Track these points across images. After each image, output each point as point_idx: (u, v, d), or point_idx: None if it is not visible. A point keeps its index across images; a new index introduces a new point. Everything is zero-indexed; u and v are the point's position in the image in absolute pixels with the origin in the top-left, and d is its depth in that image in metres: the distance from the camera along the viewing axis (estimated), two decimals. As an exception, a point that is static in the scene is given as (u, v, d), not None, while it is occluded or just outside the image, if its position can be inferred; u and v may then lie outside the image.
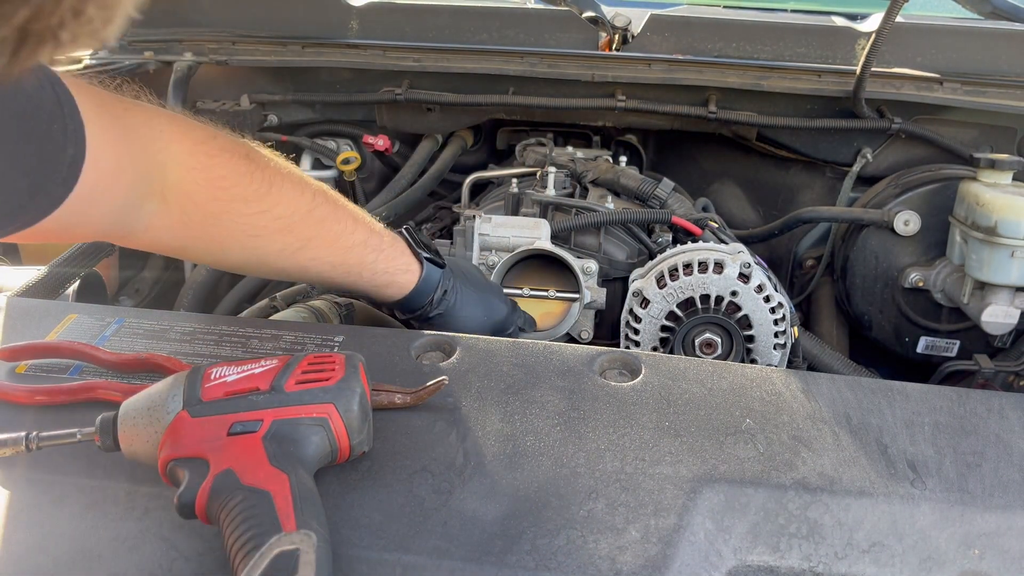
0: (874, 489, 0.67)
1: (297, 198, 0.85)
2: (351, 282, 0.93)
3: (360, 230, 0.91)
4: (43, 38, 0.30)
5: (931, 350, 1.44)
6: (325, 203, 0.88)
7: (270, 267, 0.90)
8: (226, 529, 0.57)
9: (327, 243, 0.88)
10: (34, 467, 0.68)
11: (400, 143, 1.73)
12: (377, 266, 0.92)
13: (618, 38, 1.62)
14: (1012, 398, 0.79)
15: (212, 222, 0.81)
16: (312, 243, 0.87)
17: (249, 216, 0.82)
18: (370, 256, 0.92)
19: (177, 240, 0.83)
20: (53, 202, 0.66)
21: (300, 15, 1.64)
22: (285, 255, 0.86)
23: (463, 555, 0.60)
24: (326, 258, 0.89)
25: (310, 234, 0.86)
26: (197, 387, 0.64)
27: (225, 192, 0.80)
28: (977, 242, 1.20)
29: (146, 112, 0.78)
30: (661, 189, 1.31)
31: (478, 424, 0.73)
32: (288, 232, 0.85)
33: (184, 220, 0.80)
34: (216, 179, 0.80)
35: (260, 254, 0.86)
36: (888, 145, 1.52)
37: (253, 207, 0.82)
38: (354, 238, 0.90)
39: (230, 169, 0.81)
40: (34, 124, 0.63)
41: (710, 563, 0.62)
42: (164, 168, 0.77)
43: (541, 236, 1.14)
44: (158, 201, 0.77)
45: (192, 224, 0.81)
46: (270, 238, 0.84)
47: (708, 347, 1.07)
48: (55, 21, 0.30)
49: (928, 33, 1.51)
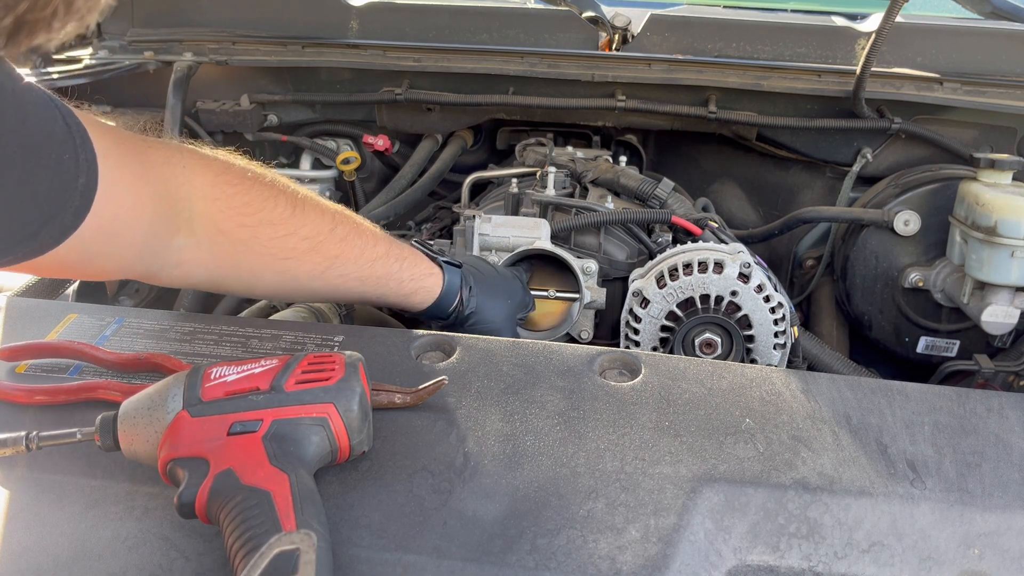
0: (874, 489, 0.67)
1: (319, 219, 0.87)
2: (380, 295, 0.94)
3: (381, 243, 0.93)
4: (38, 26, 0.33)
5: (931, 350, 1.44)
6: (345, 221, 0.90)
7: (303, 289, 0.91)
8: (226, 529, 0.57)
9: (353, 259, 0.90)
10: (34, 467, 0.68)
11: (400, 143, 1.73)
12: (403, 275, 0.94)
13: (618, 38, 1.62)
14: (1012, 398, 0.79)
15: (242, 249, 0.83)
16: (339, 260, 0.89)
17: (277, 239, 0.84)
18: (394, 266, 0.93)
19: (210, 272, 0.84)
20: (65, 230, 0.67)
21: (300, 15, 1.64)
22: (315, 275, 0.88)
23: (463, 555, 0.60)
24: (354, 273, 0.90)
25: (336, 252, 0.88)
26: (197, 387, 0.64)
27: (251, 218, 0.82)
28: (977, 242, 1.19)
29: (166, 148, 0.79)
30: (661, 189, 1.31)
31: (478, 424, 0.73)
32: (315, 252, 0.86)
33: (214, 251, 0.81)
34: (240, 206, 0.81)
35: (291, 276, 0.87)
36: (888, 145, 1.52)
37: (280, 230, 0.84)
38: (376, 251, 0.92)
39: (253, 195, 0.82)
40: (44, 153, 0.64)
41: (710, 563, 0.62)
42: (189, 201, 0.78)
43: (541, 236, 1.14)
44: (186, 235, 0.79)
45: (223, 254, 0.82)
46: (299, 260, 0.86)
47: (708, 347, 1.07)
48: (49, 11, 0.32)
49: (928, 33, 1.51)
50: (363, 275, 0.91)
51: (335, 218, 0.89)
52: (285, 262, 0.85)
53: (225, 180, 0.81)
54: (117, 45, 1.66)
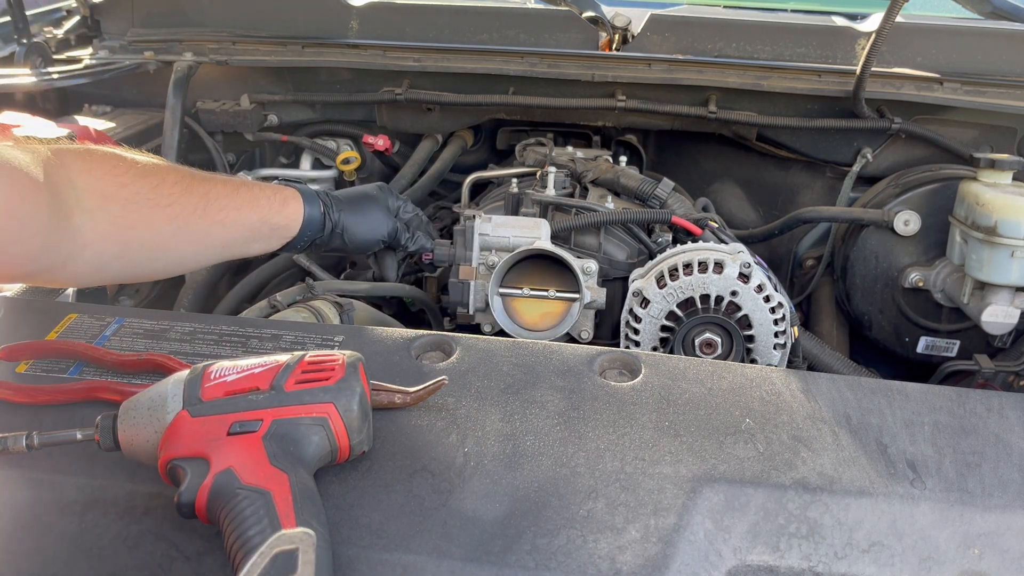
0: (874, 489, 0.67)
1: (175, 167, 0.94)
2: (259, 217, 0.99)
3: (231, 178, 1.00)
4: None
5: (931, 350, 1.44)
6: (189, 168, 0.96)
7: (196, 233, 0.94)
8: (226, 528, 0.57)
9: (222, 192, 0.95)
10: (34, 467, 0.68)
11: (400, 143, 1.73)
12: (266, 191, 1.00)
13: (618, 38, 1.62)
14: (1012, 398, 0.79)
15: (132, 208, 0.86)
16: (211, 196, 0.94)
17: (154, 189, 0.88)
18: (255, 188, 1.00)
19: (116, 244, 0.87)
20: None
21: (300, 15, 1.64)
22: (199, 213, 0.92)
23: (463, 555, 0.60)
24: (230, 203, 0.95)
25: (204, 189, 0.93)
26: (197, 387, 0.64)
27: (125, 175, 0.87)
28: (977, 242, 1.19)
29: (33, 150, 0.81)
30: (661, 189, 1.31)
31: (478, 424, 0.73)
32: (189, 192, 0.91)
33: (111, 218, 0.85)
34: (111, 168, 0.86)
35: (183, 222, 0.91)
36: (888, 145, 1.52)
37: (152, 180, 0.88)
38: (234, 181, 0.99)
39: (115, 159, 0.88)
40: None
41: (710, 563, 0.62)
42: (71, 182, 0.81)
43: (541, 236, 1.14)
44: (79, 213, 0.81)
45: (118, 219, 0.86)
46: (180, 203, 0.90)
47: (708, 347, 1.07)
48: None
49: (928, 33, 1.51)
50: (237, 204, 0.96)
51: (178, 166, 0.95)
52: (170, 208, 0.89)
53: (89, 154, 0.86)
54: (117, 45, 1.66)
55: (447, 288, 1.16)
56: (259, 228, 1.00)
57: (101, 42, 1.68)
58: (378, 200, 1.13)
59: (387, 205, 1.14)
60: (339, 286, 1.19)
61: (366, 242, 1.11)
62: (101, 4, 1.71)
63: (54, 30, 1.73)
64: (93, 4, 1.71)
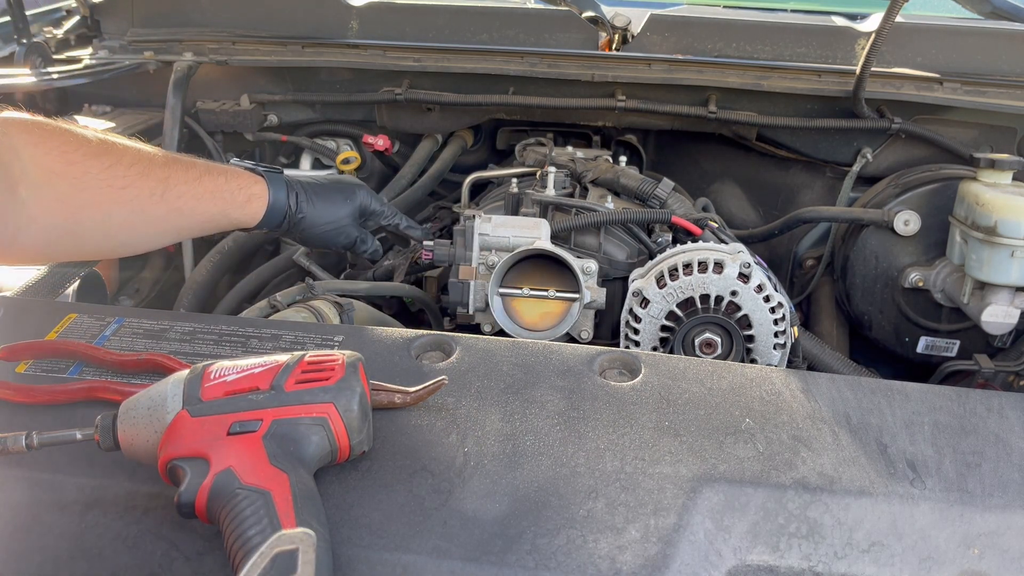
0: (874, 489, 0.67)
1: (134, 147, 0.90)
2: (219, 210, 0.97)
3: (197, 163, 0.96)
4: None
5: (931, 350, 1.44)
6: (154, 149, 0.94)
7: (151, 219, 0.92)
8: (226, 528, 0.57)
9: (182, 177, 0.93)
10: (34, 467, 0.68)
11: (400, 143, 1.73)
12: (231, 185, 0.98)
13: (618, 38, 1.62)
14: (1012, 398, 0.79)
15: (81, 186, 0.84)
16: (171, 180, 0.91)
17: (107, 169, 0.85)
18: (220, 179, 0.97)
19: (65, 219, 0.84)
20: None
21: (300, 15, 1.64)
22: (156, 198, 0.89)
23: (463, 555, 0.60)
24: (190, 192, 0.93)
25: (164, 173, 0.91)
26: (197, 387, 0.64)
27: (75, 153, 0.84)
28: (977, 242, 1.20)
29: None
30: (661, 189, 1.31)
31: (478, 424, 0.73)
32: (146, 175, 0.89)
33: (57, 195, 0.82)
34: (61, 145, 0.83)
35: (137, 206, 0.89)
36: (888, 145, 1.52)
37: (105, 160, 0.86)
38: (198, 168, 0.95)
39: (68, 136, 0.84)
40: None
41: (710, 562, 0.62)
42: (15, 153, 0.79)
43: (541, 236, 1.14)
44: (25, 186, 0.79)
45: (66, 196, 0.83)
46: (136, 185, 0.88)
47: (708, 347, 1.07)
48: None
49: (928, 33, 1.51)
50: (198, 193, 0.94)
51: (142, 147, 0.91)
52: (125, 191, 0.87)
53: (37, 127, 0.83)
54: (117, 45, 1.66)
55: (447, 288, 1.16)
56: (218, 220, 0.98)
57: (101, 42, 1.68)
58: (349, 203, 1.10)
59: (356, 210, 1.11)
60: (339, 286, 1.19)
61: (324, 243, 1.10)
62: (101, 4, 1.71)
63: (54, 30, 1.73)
64: (93, 4, 1.71)
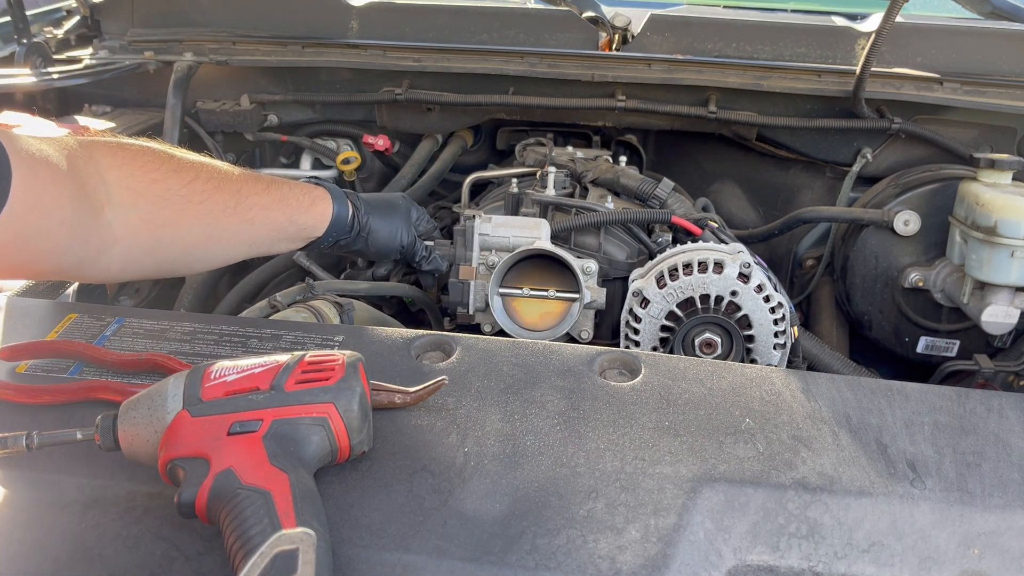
0: (874, 489, 0.67)
1: (209, 163, 0.93)
2: (287, 217, 0.99)
3: (262, 175, 1.00)
4: None
5: (931, 350, 1.44)
6: (225, 164, 0.96)
7: (226, 230, 0.95)
8: (226, 528, 0.57)
9: (253, 189, 0.95)
10: (34, 467, 0.68)
11: (400, 143, 1.73)
12: (295, 191, 1.00)
13: (618, 38, 1.62)
14: (1012, 398, 0.79)
15: (163, 204, 0.87)
16: (243, 192, 0.94)
17: (187, 185, 0.88)
18: (284, 187, 1.00)
19: (145, 241, 0.87)
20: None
21: (300, 15, 1.64)
22: (229, 211, 0.92)
23: (463, 555, 0.60)
24: (260, 202, 0.95)
25: (236, 186, 0.94)
26: (197, 387, 0.64)
27: (157, 172, 0.87)
28: (977, 242, 1.19)
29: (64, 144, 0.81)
30: (661, 189, 1.31)
31: (478, 424, 0.73)
32: (221, 189, 0.92)
33: (141, 214, 0.85)
34: (143, 164, 0.87)
35: (213, 219, 0.92)
36: (888, 145, 1.52)
37: (185, 177, 0.89)
38: (264, 179, 0.99)
39: (149, 155, 0.88)
40: None
41: (710, 563, 0.62)
42: (101, 178, 0.82)
43: (541, 236, 1.14)
44: (110, 209, 0.82)
45: (149, 215, 0.86)
46: (212, 200, 0.90)
47: (708, 347, 1.07)
48: None
49: (928, 33, 1.51)
50: (267, 203, 0.96)
51: (215, 162, 0.95)
52: (201, 205, 0.89)
53: (121, 149, 0.86)
54: (117, 45, 1.66)
55: (447, 288, 1.16)
56: (287, 227, 1.00)
57: (101, 42, 1.68)
58: (401, 209, 1.13)
59: (410, 215, 1.14)
60: (339, 286, 1.19)
61: (387, 249, 1.11)
62: (101, 4, 1.71)
63: (54, 30, 1.73)
64: (93, 4, 1.71)
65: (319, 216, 1.02)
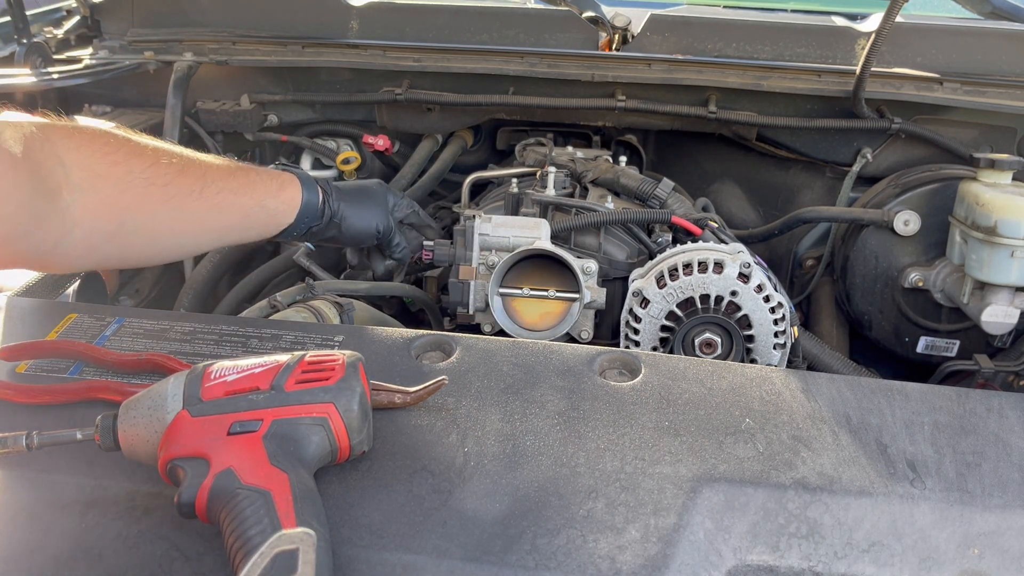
0: (874, 489, 0.67)
1: (171, 147, 0.91)
2: (256, 201, 0.96)
3: (227, 161, 0.97)
4: None
5: (931, 350, 1.44)
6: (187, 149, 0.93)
7: (193, 216, 0.91)
8: (226, 528, 0.57)
9: (220, 174, 0.93)
10: (34, 467, 0.68)
11: (400, 143, 1.73)
12: (262, 175, 0.98)
13: (618, 38, 1.62)
14: (1012, 398, 0.79)
15: (125, 187, 0.84)
16: (209, 176, 0.91)
17: (149, 168, 0.85)
18: (252, 172, 0.97)
19: (108, 222, 0.84)
20: None
21: (300, 15, 1.64)
22: (195, 195, 0.89)
23: (463, 554, 0.60)
24: (229, 187, 0.93)
25: (203, 170, 0.91)
26: (197, 387, 0.64)
27: (117, 153, 0.84)
28: (977, 242, 1.20)
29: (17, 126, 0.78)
30: (661, 189, 1.31)
31: (478, 424, 0.73)
32: (185, 172, 0.89)
33: (102, 197, 0.83)
34: (103, 146, 0.84)
35: (178, 204, 0.89)
36: (888, 145, 1.52)
37: (147, 159, 0.86)
38: (231, 164, 0.96)
39: (108, 136, 0.85)
40: None
41: (710, 562, 0.62)
42: (59, 159, 0.79)
43: (541, 236, 1.14)
44: (68, 191, 0.79)
45: (111, 198, 0.83)
46: (177, 183, 0.88)
47: (708, 347, 1.07)
48: None
49: (928, 33, 1.51)
50: (234, 187, 0.93)
51: (174, 146, 0.92)
52: (165, 189, 0.86)
53: (79, 132, 0.84)
54: (117, 45, 1.66)
55: (447, 288, 1.16)
56: (256, 213, 0.97)
57: (101, 42, 1.68)
58: (377, 196, 1.13)
59: (385, 202, 1.14)
60: (339, 286, 1.19)
61: (361, 234, 1.11)
62: (101, 4, 1.71)
63: (54, 30, 1.73)
64: (93, 4, 1.71)
65: (288, 201, 1.00)
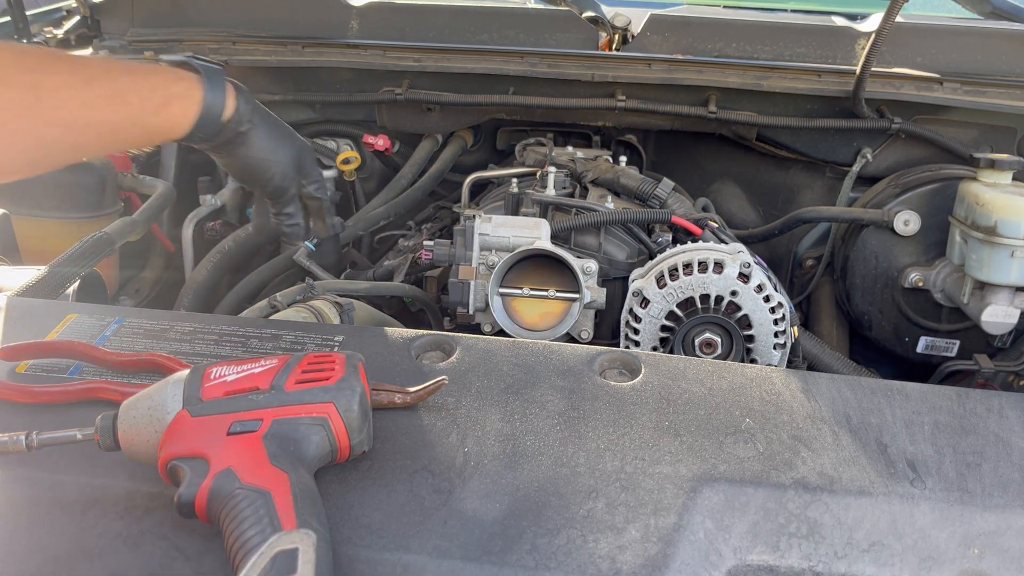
0: (874, 489, 0.67)
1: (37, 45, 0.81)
2: (124, 117, 0.82)
3: (91, 62, 0.84)
4: None
5: (931, 350, 1.44)
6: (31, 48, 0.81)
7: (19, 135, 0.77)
8: (226, 528, 0.57)
9: (62, 82, 0.77)
10: (34, 467, 0.68)
11: (400, 143, 1.73)
12: (140, 84, 0.83)
13: (618, 38, 1.62)
14: (1012, 398, 0.79)
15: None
16: (46, 87, 0.76)
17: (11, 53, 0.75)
18: (125, 79, 0.82)
19: None
20: None
21: (300, 15, 1.64)
22: (22, 112, 0.75)
23: (463, 554, 0.60)
24: (75, 98, 0.78)
25: (34, 79, 0.76)
26: (197, 387, 0.64)
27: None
28: (977, 242, 1.20)
29: None
30: (661, 189, 1.31)
31: (478, 424, 0.73)
32: (9, 84, 0.74)
33: None
34: None
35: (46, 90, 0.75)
36: (888, 145, 1.52)
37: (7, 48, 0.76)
38: (93, 67, 0.82)
39: None
40: None
41: (710, 562, 0.62)
42: None
43: (541, 236, 1.14)
44: None
45: None
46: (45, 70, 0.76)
47: (708, 347, 1.07)
48: None
49: (928, 33, 1.51)
50: (87, 98, 0.79)
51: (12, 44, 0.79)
52: (34, 75, 0.75)
53: None
54: (117, 45, 1.66)
55: (447, 288, 1.16)
56: (127, 130, 0.84)
57: (101, 42, 1.68)
58: (296, 140, 1.01)
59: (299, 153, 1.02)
60: (339, 286, 1.19)
61: (256, 177, 0.96)
62: (101, 4, 1.71)
63: (54, 30, 1.73)
64: (93, 4, 1.71)
65: (175, 119, 0.85)
